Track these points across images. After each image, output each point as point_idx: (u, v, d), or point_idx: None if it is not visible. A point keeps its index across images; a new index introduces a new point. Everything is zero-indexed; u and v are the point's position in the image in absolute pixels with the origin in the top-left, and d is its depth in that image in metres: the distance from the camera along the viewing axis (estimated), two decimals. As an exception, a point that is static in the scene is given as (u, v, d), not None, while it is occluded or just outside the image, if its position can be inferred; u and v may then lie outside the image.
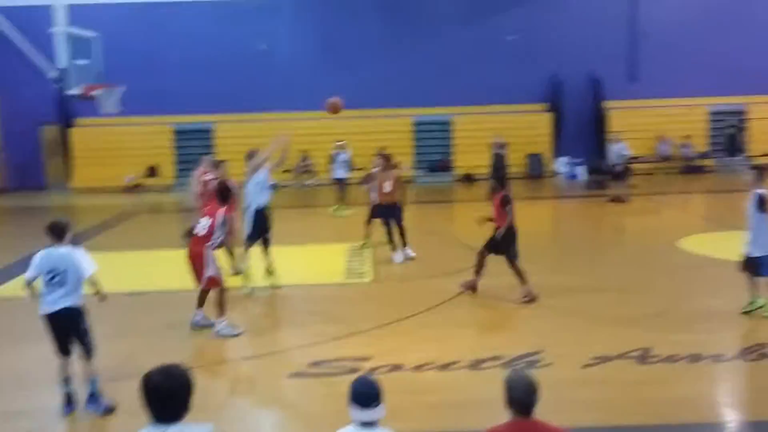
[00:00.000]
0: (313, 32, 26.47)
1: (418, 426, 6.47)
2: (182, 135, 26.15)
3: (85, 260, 6.94)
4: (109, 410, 6.99)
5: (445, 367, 7.84)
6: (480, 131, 24.73)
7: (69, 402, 7.03)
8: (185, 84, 25.70)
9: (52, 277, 6.80)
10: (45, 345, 7.29)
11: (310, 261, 13.32)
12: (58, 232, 6.95)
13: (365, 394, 3.79)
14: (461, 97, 26.19)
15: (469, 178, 25.50)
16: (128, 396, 7.13)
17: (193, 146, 25.82)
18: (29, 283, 6.91)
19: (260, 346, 8.92)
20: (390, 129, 25.73)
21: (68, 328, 6.93)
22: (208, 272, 9.04)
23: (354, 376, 4.13)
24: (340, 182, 19.39)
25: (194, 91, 25.69)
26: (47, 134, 26.64)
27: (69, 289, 6.83)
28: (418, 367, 7.83)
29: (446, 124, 26.63)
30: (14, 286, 12.18)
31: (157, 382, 3.16)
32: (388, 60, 26.41)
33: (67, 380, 7.02)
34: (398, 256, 12.98)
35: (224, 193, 9.42)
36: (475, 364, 7.87)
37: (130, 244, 15.64)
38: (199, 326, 9.40)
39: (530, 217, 18.96)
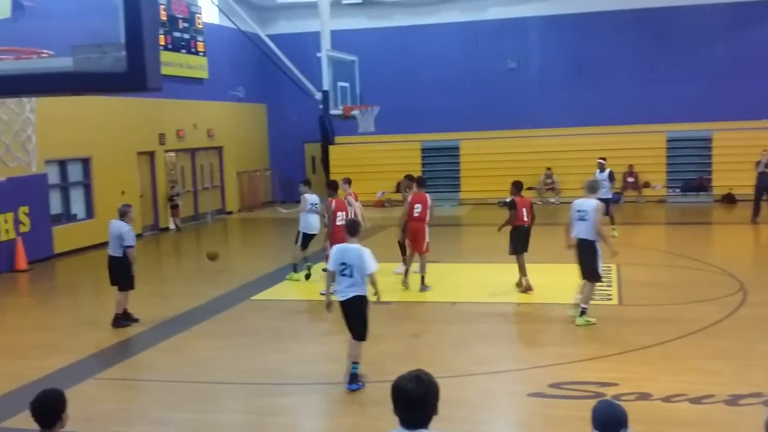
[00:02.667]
0: (563, 49, 26.06)
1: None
2: (430, 152, 26.99)
3: (370, 259, 7.90)
4: (356, 388, 7.88)
5: (697, 400, 7.33)
6: (744, 148, 22.80)
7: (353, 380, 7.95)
8: (434, 103, 26.57)
9: (343, 270, 7.77)
10: (303, 345, 7.82)
11: (554, 280, 13.02)
12: (352, 230, 8.11)
13: (610, 420, 3.64)
14: (723, 112, 24.36)
15: (730, 199, 23.58)
16: (374, 396, 7.52)
17: (440, 163, 26.66)
18: (330, 273, 7.99)
19: (501, 362, 8.94)
20: (642, 146, 24.61)
21: (352, 314, 7.94)
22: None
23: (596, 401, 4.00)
24: (605, 202, 17.38)
25: (442, 110, 26.48)
26: (310, 151, 28.91)
27: (355, 281, 7.83)
28: (668, 398, 7.39)
29: (706, 140, 24.84)
30: (273, 292, 13.33)
31: (408, 388, 3.27)
32: (641, 74, 25.30)
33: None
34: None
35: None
36: (733, 400, 7.27)
37: (378, 255, 16.40)
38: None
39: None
